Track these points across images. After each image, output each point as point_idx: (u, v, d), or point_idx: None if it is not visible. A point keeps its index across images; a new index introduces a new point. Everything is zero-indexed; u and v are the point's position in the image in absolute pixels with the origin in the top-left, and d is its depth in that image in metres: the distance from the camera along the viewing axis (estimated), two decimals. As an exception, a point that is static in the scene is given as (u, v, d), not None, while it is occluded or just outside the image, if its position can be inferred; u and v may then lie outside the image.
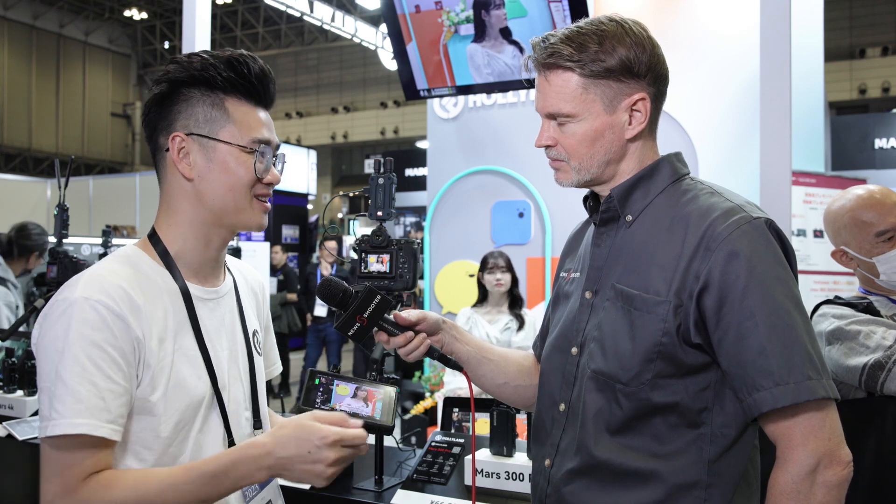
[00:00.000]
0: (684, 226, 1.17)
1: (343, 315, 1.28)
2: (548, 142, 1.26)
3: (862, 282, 1.89)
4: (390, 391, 1.26)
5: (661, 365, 1.15)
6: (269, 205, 1.32)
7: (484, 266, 4.01)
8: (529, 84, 1.34)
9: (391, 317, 1.31)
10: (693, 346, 1.14)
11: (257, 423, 1.36)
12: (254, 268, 1.53)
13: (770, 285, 1.10)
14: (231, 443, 1.26)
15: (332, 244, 6.87)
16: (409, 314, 1.32)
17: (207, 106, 1.24)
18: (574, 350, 1.26)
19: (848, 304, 1.80)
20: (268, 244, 6.64)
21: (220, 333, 1.30)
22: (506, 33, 3.52)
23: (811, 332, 1.13)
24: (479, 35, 3.58)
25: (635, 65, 1.19)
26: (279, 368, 1.51)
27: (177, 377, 1.19)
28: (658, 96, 1.24)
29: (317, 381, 1.32)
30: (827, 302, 1.86)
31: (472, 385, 1.40)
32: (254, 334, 1.40)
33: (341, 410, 1.22)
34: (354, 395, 1.26)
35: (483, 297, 4.04)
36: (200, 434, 1.23)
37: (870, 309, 1.76)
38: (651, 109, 1.23)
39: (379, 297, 1.27)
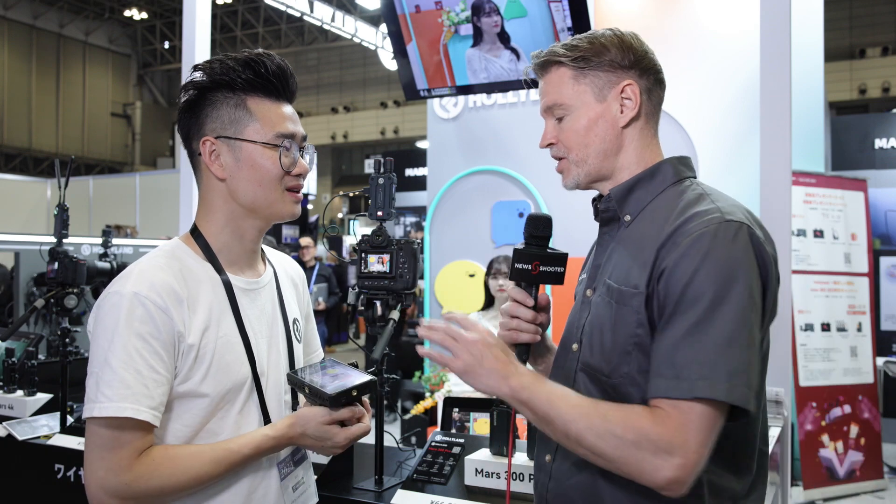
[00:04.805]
0: (664, 222, 1.19)
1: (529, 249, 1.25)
2: (550, 139, 1.31)
3: None
4: (358, 378, 1.30)
5: (639, 357, 1.15)
6: (300, 195, 1.39)
7: (489, 270, 3.96)
8: (529, 84, 1.37)
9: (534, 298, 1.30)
10: None
11: (295, 406, 1.45)
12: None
13: (715, 284, 1.07)
14: (267, 424, 1.36)
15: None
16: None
17: (231, 107, 1.32)
18: (574, 346, 1.29)
19: None
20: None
21: (260, 322, 1.38)
22: (504, 39, 3.52)
23: (736, 336, 1.06)
24: (477, 39, 3.58)
25: (623, 59, 1.26)
26: (321, 355, 1.59)
27: (219, 362, 1.28)
28: (650, 89, 1.28)
29: (322, 364, 1.35)
30: None
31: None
32: (293, 322, 1.48)
33: (308, 381, 1.31)
34: (334, 377, 1.33)
35: (489, 301, 4.00)
36: (240, 415, 1.32)
37: None
38: (642, 98, 1.27)
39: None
